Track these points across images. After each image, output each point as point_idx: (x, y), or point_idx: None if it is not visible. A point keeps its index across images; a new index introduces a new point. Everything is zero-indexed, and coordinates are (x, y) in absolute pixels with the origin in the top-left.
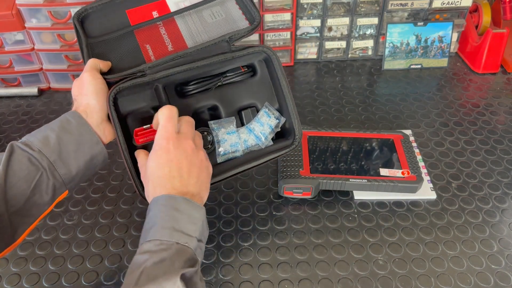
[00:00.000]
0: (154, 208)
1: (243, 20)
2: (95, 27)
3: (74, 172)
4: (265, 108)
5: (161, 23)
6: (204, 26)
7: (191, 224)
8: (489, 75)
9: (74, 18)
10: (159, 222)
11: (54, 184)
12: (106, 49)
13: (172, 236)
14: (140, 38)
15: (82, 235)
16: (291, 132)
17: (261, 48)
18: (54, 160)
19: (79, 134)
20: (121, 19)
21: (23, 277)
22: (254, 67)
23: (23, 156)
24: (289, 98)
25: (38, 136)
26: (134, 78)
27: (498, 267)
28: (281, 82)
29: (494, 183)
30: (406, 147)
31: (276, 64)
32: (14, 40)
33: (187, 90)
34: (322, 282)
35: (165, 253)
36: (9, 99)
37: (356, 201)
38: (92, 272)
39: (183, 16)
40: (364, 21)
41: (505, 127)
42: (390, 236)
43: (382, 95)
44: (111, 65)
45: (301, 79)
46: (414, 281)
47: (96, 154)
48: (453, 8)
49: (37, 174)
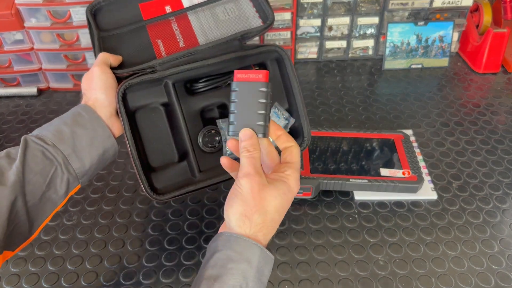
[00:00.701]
0: (249, 253)
1: (257, 19)
2: (107, 20)
3: (88, 166)
4: (274, 108)
5: (174, 18)
6: (216, 23)
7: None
8: (490, 75)
9: (87, 11)
10: None
11: (68, 178)
12: (117, 43)
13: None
14: (152, 33)
15: (81, 235)
16: (299, 134)
17: (273, 48)
18: (69, 154)
19: (92, 128)
20: (134, 13)
21: (23, 277)
22: (265, 66)
23: (37, 150)
24: (300, 99)
25: (51, 130)
26: (144, 74)
27: (499, 267)
28: (292, 82)
29: (495, 183)
30: (406, 147)
31: (287, 64)
32: (13, 39)
33: (196, 88)
34: (322, 282)
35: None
36: (8, 99)
37: (356, 201)
38: (92, 273)
39: (196, 12)
40: (364, 20)
41: (506, 127)
42: (390, 236)
43: (382, 95)
44: (122, 60)
45: (302, 79)
46: (415, 282)
47: (108, 148)
48: (453, 7)
49: (52, 169)
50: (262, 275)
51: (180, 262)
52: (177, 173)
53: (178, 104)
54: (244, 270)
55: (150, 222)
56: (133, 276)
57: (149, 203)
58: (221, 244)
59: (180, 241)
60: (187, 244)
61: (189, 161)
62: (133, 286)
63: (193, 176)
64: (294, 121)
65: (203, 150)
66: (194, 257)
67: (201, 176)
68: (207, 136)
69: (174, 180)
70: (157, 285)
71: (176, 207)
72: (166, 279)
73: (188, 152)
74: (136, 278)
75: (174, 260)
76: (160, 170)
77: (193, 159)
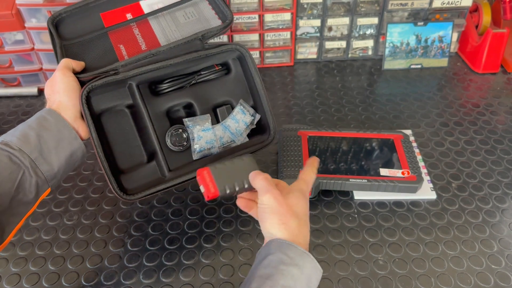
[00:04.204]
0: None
1: (216, 19)
2: (69, 30)
3: (56, 169)
4: (240, 105)
5: (135, 24)
6: (177, 26)
7: None
8: (489, 75)
9: (49, 22)
10: None
11: (37, 182)
12: (80, 50)
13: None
14: (114, 39)
15: (81, 235)
16: (266, 128)
17: (234, 46)
18: (36, 157)
19: (58, 130)
20: (95, 22)
21: (23, 277)
22: (228, 65)
23: (3, 156)
24: (263, 95)
25: (16, 135)
26: (107, 76)
27: (498, 267)
28: (255, 79)
29: (494, 183)
30: (406, 147)
31: (249, 61)
32: (14, 40)
33: (161, 89)
34: (322, 282)
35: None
36: (9, 99)
37: (356, 201)
38: (92, 272)
39: (157, 17)
40: (364, 21)
41: (505, 127)
42: (390, 236)
43: (382, 95)
44: (85, 65)
45: (301, 79)
46: (414, 281)
47: (75, 149)
48: (453, 8)
49: (19, 173)
50: (310, 282)
51: (180, 262)
52: (146, 174)
53: (143, 105)
54: (294, 274)
55: (150, 222)
56: (133, 275)
57: (149, 203)
58: (273, 248)
59: (181, 240)
60: (187, 244)
61: (158, 161)
62: (133, 286)
63: (163, 176)
64: (260, 116)
65: (172, 150)
66: (194, 257)
67: (171, 175)
68: (175, 136)
69: (144, 181)
70: (157, 285)
71: (176, 207)
72: (166, 278)
73: (156, 152)
74: (136, 277)
75: (174, 259)
76: (130, 172)
77: (162, 159)
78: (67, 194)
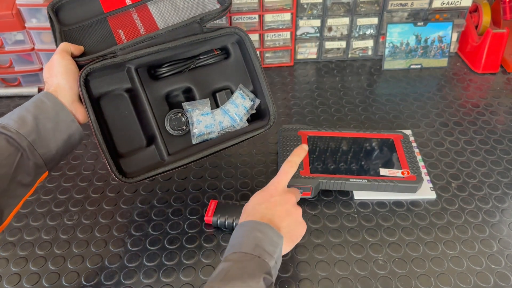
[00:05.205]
0: (240, 229)
1: (215, 3)
2: (69, 16)
3: (54, 151)
4: (239, 90)
5: (134, 9)
6: (176, 10)
7: (271, 246)
8: (489, 75)
9: (48, 8)
10: (244, 240)
11: (35, 163)
12: (79, 35)
13: (254, 251)
14: (113, 24)
15: (82, 235)
16: (266, 113)
17: (233, 30)
18: (33, 139)
19: (55, 113)
20: (94, 7)
21: (23, 277)
22: (227, 49)
23: (0, 138)
24: (263, 79)
25: (13, 118)
26: (106, 59)
27: (498, 267)
28: (254, 63)
29: (494, 183)
30: (406, 147)
31: (248, 45)
32: (14, 40)
33: (160, 73)
34: (322, 282)
35: (248, 263)
36: (9, 99)
37: (356, 201)
38: (92, 272)
39: (156, 2)
40: (364, 21)
41: (505, 127)
42: (390, 236)
43: (382, 95)
44: (84, 50)
45: (301, 79)
46: (414, 281)
47: (73, 132)
48: (453, 8)
49: (17, 155)
50: (273, 240)
51: (181, 262)
52: (146, 158)
53: (142, 89)
54: (246, 229)
55: (151, 222)
56: (133, 275)
57: (149, 202)
58: None
59: (181, 240)
60: (187, 244)
61: (157, 145)
62: (133, 285)
63: (162, 160)
64: (260, 101)
65: (171, 134)
66: (194, 257)
67: (170, 159)
68: (174, 120)
69: (143, 164)
70: (158, 285)
71: (176, 207)
72: (166, 278)
73: (155, 136)
74: (136, 277)
75: (174, 259)
76: (129, 156)
77: (161, 143)
78: (67, 194)
